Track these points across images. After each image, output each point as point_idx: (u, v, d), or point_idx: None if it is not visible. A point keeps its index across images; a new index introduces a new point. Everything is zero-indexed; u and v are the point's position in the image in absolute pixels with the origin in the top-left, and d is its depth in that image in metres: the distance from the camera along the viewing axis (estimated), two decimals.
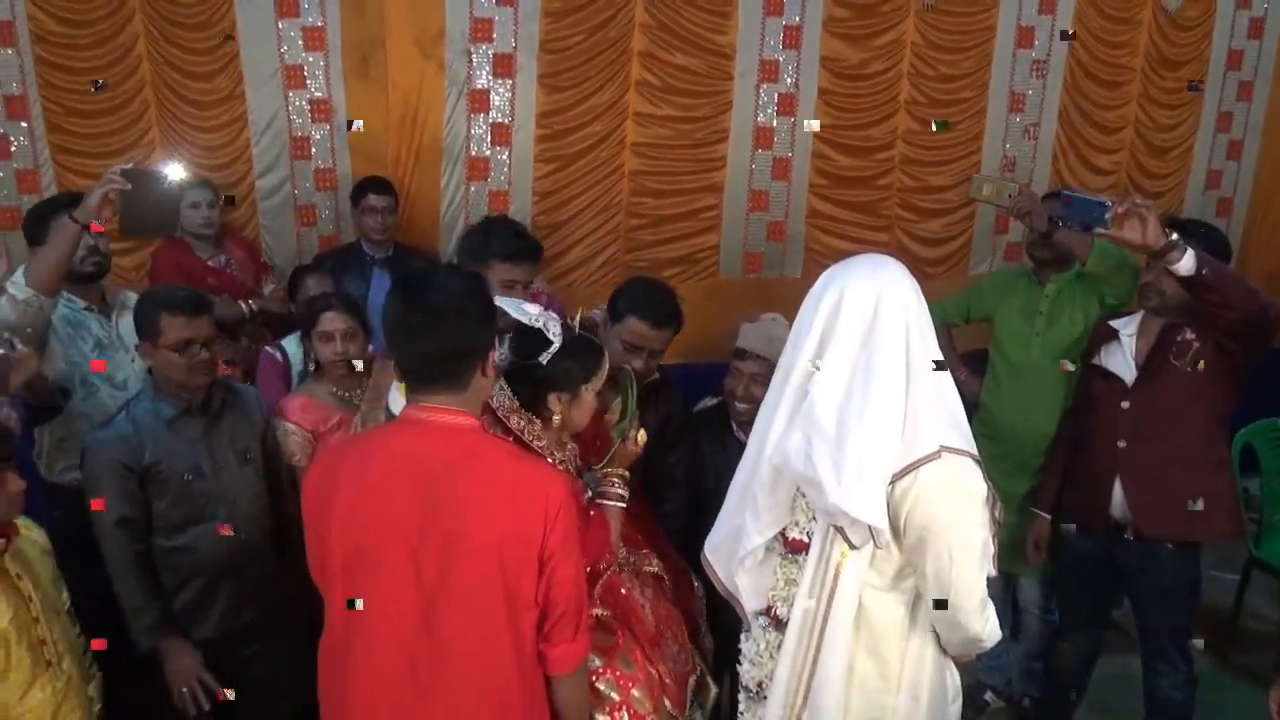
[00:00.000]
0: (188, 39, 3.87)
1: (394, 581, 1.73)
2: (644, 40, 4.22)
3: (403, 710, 1.76)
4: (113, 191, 2.44)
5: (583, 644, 1.87)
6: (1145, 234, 2.39)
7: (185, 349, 2.35)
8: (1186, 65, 4.82)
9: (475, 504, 1.71)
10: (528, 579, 1.74)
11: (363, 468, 1.78)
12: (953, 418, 1.84)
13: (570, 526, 1.77)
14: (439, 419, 1.75)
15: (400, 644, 1.75)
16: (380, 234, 3.86)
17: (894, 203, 4.68)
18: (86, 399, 2.77)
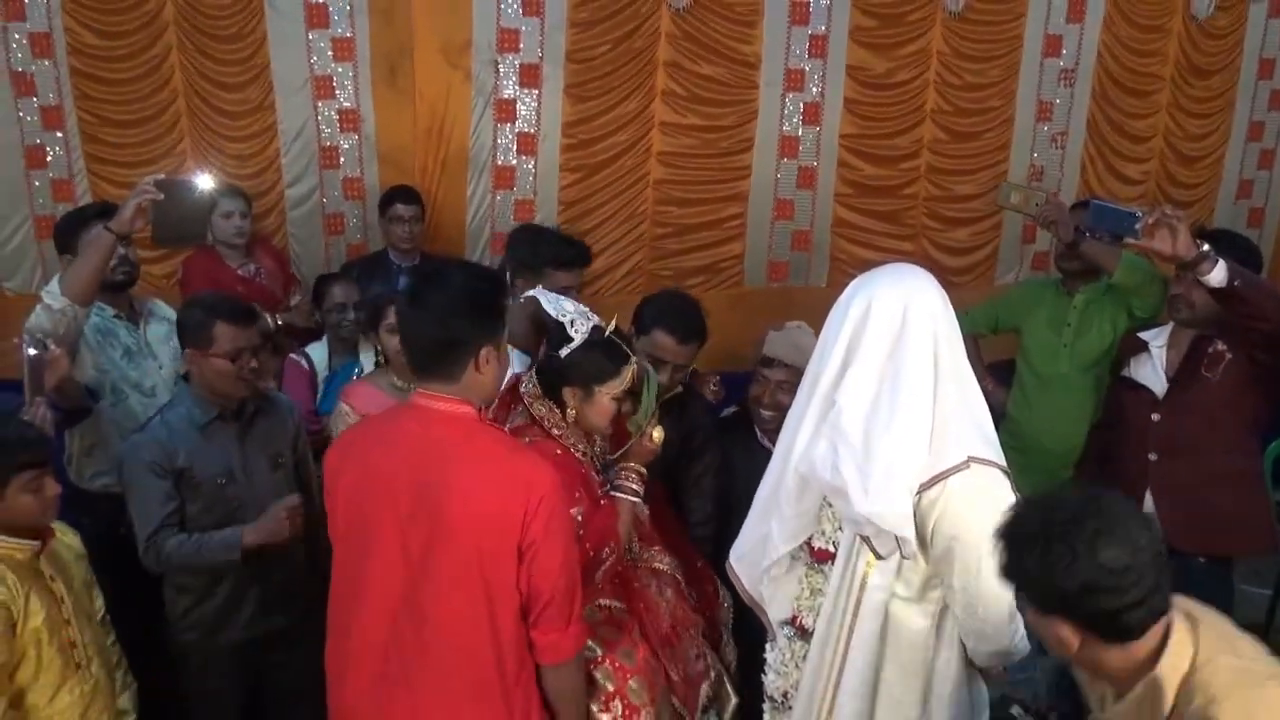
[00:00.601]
0: (219, 50, 3.93)
1: (384, 554, 1.83)
2: (669, 50, 4.23)
3: (386, 678, 1.85)
4: (146, 201, 2.48)
5: (575, 634, 1.89)
6: (1176, 245, 2.36)
7: (237, 357, 2.38)
8: (1217, 74, 4.77)
9: (459, 488, 1.78)
10: (506, 565, 1.79)
11: (369, 446, 1.90)
12: (980, 428, 1.83)
13: (555, 517, 1.81)
14: (437, 405, 1.84)
15: (387, 613, 1.84)
16: (407, 243, 3.89)
17: (920, 212, 4.66)
18: (116, 405, 2.80)
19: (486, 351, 1.83)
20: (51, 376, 2.33)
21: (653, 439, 2.27)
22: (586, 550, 2.09)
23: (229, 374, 2.40)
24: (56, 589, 2.09)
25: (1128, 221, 2.43)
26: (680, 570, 2.39)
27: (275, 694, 2.64)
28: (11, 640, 1.98)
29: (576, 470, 2.18)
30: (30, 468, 2.00)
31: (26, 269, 4.03)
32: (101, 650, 2.20)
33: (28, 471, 2.00)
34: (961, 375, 1.84)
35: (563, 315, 2.21)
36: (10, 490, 1.98)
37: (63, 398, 2.53)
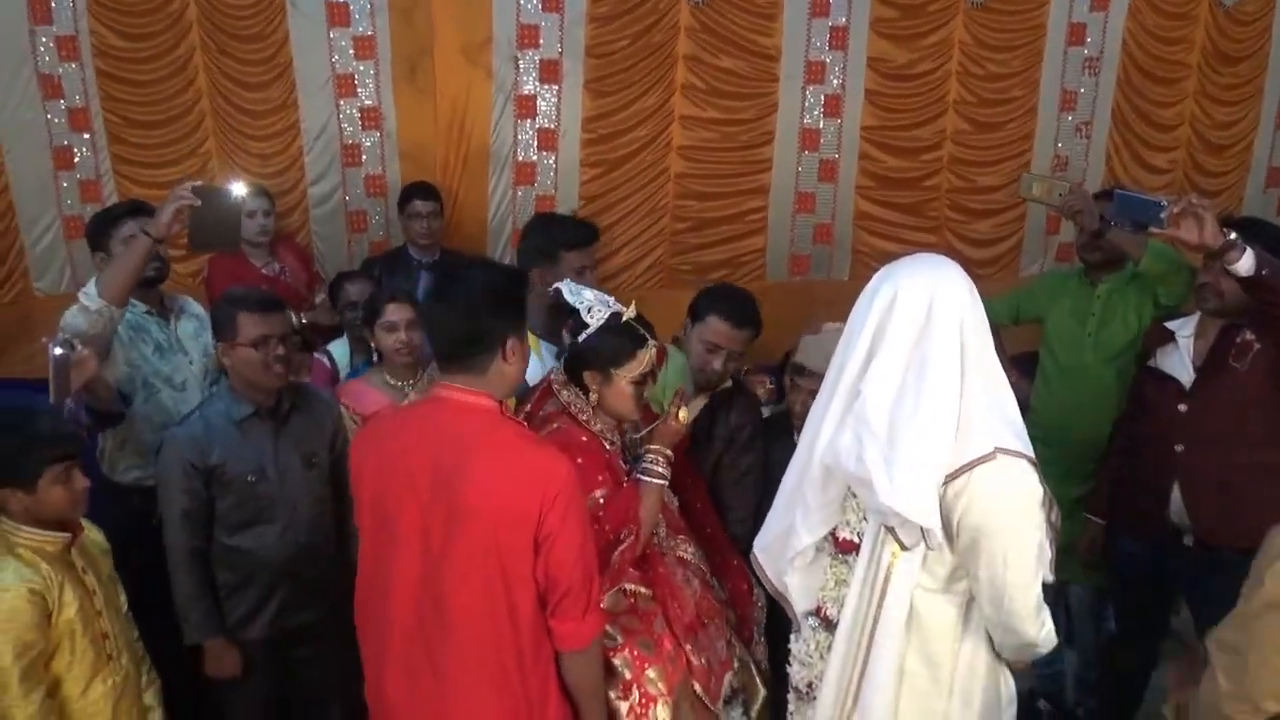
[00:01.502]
0: (242, 50, 3.96)
1: (406, 543, 1.88)
2: (689, 44, 4.22)
3: (413, 667, 1.91)
4: (183, 207, 2.52)
5: (593, 624, 1.93)
6: (1203, 233, 2.32)
7: (262, 344, 2.41)
8: (1245, 60, 4.70)
9: (477, 478, 1.82)
10: (523, 555, 1.83)
11: (393, 434, 1.96)
12: (1008, 419, 1.81)
13: (571, 509, 1.84)
14: (459, 397, 1.89)
15: (411, 601, 1.89)
16: (427, 238, 3.91)
17: (943, 204, 4.63)
18: (147, 400, 2.84)
19: (512, 343, 1.88)
20: (78, 377, 2.36)
21: (678, 419, 2.27)
22: (606, 532, 2.14)
23: (256, 362, 2.42)
24: (88, 581, 2.13)
25: (1153, 211, 2.40)
26: (705, 561, 2.40)
27: (304, 690, 2.66)
28: (47, 629, 2.01)
29: (600, 455, 2.24)
30: (61, 460, 2.03)
31: (55, 269, 4.09)
32: (129, 644, 2.24)
33: (59, 464, 2.03)
34: (988, 366, 1.82)
35: (581, 303, 2.27)
36: (43, 483, 2.02)
37: (94, 399, 2.56)
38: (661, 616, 2.22)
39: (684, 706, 2.16)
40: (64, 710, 2.06)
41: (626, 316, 2.28)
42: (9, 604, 1.95)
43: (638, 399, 2.27)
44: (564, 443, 2.16)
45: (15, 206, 3.97)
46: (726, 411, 2.64)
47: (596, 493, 2.17)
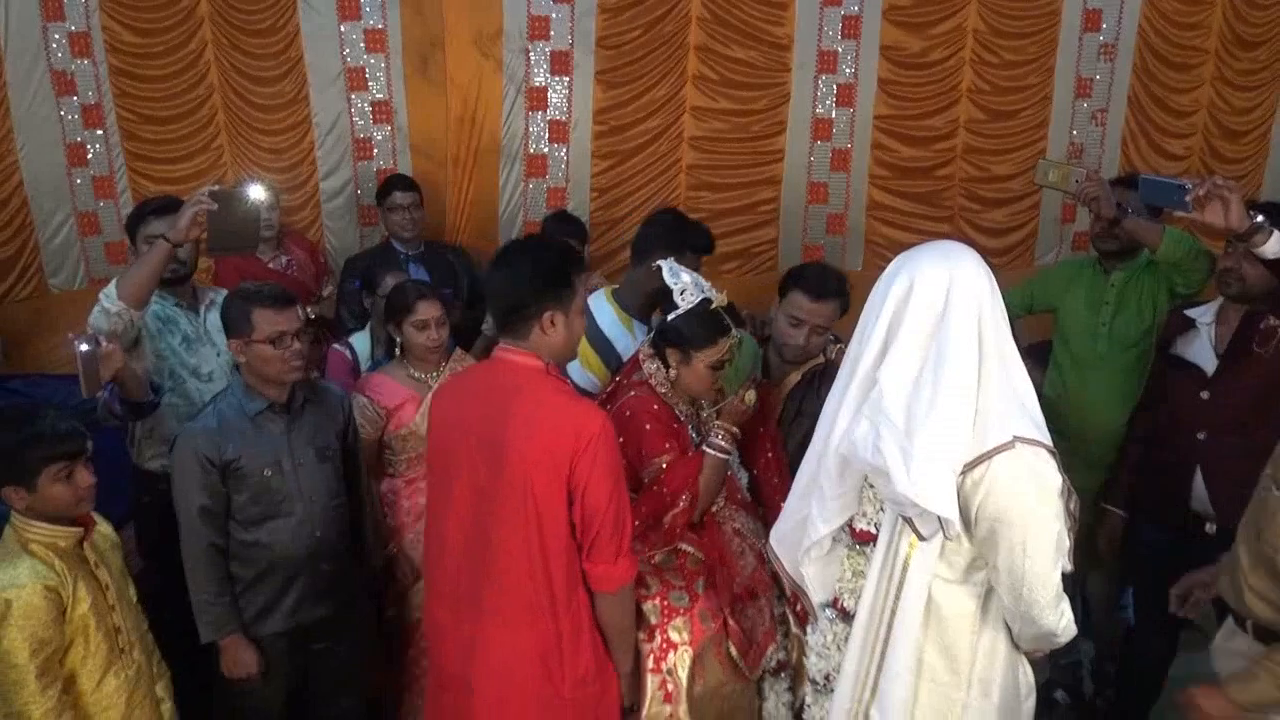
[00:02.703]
0: (253, 45, 3.97)
1: (459, 480, 2.10)
2: (700, 34, 4.20)
3: (461, 598, 2.13)
4: (201, 212, 2.54)
5: (624, 569, 2.10)
6: (1229, 216, 2.27)
7: (278, 341, 2.42)
8: (1263, 45, 4.64)
9: (517, 427, 2.02)
10: (556, 499, 2.01)
11: (458, 387, 2.26)
12: (1026, 408, 1.79)
13: (601, 458, 2.01)
14: (509, 357, 2.10)
15: (462, 538, 2.11)
16: (409, 230, 3.86)
17: (956, 193, 4.60)
18: (174, 390, 2.89)
19: (550, 315, 2.05)
20: (106, 370, 2.38)
21: (744, 400, 2.40)
22: (664, 494, 2.32)
23: (273, 359, 2.43)
24: (101, 576, 2.14)
25: (1177, 195, 2.36)
26: (761, 535, 2.47)
27: (320, 682, 2.67)
28: (62, 625, 2.02)
29: (668, 423, 2.42)
30: (61, 459, 2.04)
31: (70, 265, 4.11)
32: (141, 636, 2.25)
33: (59, 463, 2.03)
34: (1006, 355, 1.80)
35: (677, 284, 2.43)
36: (42, 481, 2.02)
37: (127, 391, 2.59)
38: (704, 579, 2.38)
39: (710, 663, 2.32)
40: (78, 704, 2.07)
41: (716, 304, 2.42)
42: (25, 601, 1.96)
43: (712, 381, 2.44)
44: (635, 408, 2.39)
45: (30, 203, 4.00)
46: (817, 388, 2.66)
47: (660, 458, 2.35)
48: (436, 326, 2.87)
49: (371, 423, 2.85)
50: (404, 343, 2.91)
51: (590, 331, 2.96)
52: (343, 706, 2.70)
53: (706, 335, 2.39)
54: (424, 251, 3.91)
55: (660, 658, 2.32)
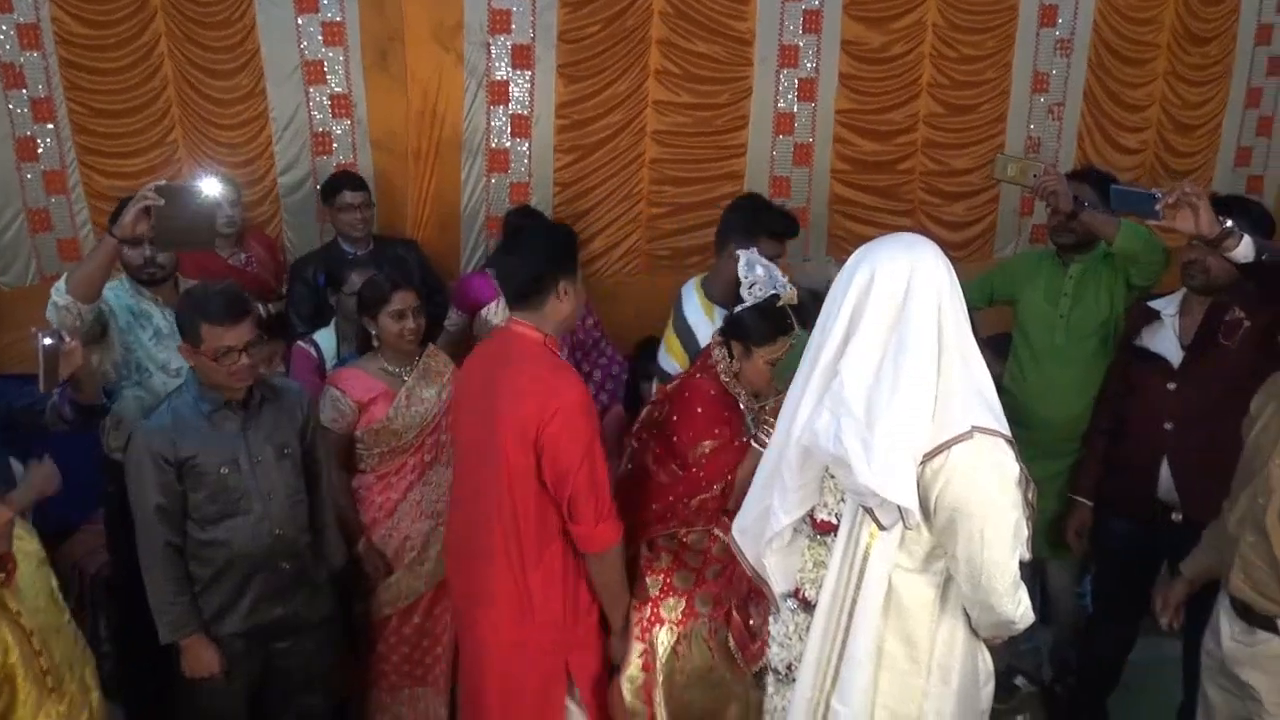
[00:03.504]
0: (208, 37, 3.89)
1: (466, 440, 2.42)
2: (662, 28, 4.19)
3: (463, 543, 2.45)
4: (149, 207, 2.50)
5: (606, 532, 2.29)
6: (1199, 223, 2.33)
7: (224, 356, 2.37)
8: (1214, 41, 4.73)
9: (504, 387, 2.28)
10: (524, 461, 2.23)
11: (472, 357, 2.53)
12: (985, 398, 1.82)
13: (571, 424, 2.21)
14: (515, 329, 2.35)
15: (462, 484, 2.47)
16: (359, 230, 3.77)
17: (917, 186, 4.63)
18: (139, 384, 2.85)
19: (564, 284, 2.30)
20: (66, 368, 2.34)
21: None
22: (699, 478, 2.43)
23: (218, 372, 2.40)
24: (25, 623, 2.07)
25: (1148, 203, 2.41)
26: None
27: (284, 681, 2.64)
28: None
29: (721, 410, 2.50)
30: None
31: (21, 262, 4.01)
32: (69, 659, 2.18)
33: None
34: (965, 346, 1.83)
35: (747, 277, 2.52)
36: None
37: (80, 392, 2.54)
38: (720, 566, 2.47)
39: (697, 646, 2.45)
40: None
41: (784, 301, 2.47)
42: None
43: (770, 376, 2.48)
44: (692, 391, 2.50)
45: None
46: None
47: (706, 443, 2.45)
48: (414, 316, 2.85)
49: (343, 417, 2.83)
50: (379, 335, 2.89)
51: (675, 318, 3.06)
52: (307, 705, 2.68)
53: (767, 332, 2.44)
54: (372, 250, 3.83)
55: (646, 628, 2.45)
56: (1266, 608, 2.20)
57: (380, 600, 2.94)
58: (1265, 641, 2.21)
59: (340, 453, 2.87)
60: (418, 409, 2.89)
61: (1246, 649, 2.25)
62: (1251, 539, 2.21)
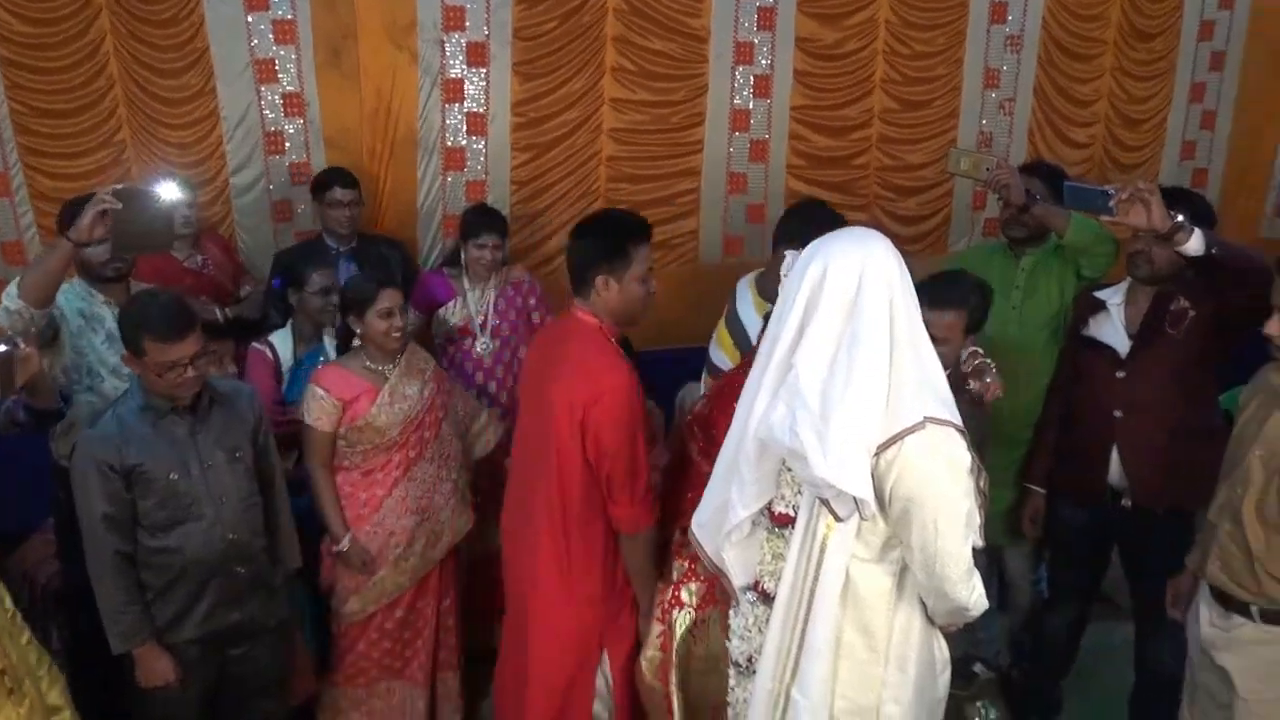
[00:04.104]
0: (155, 35, 3.82)
1: (526, 413, 2.57)
2: (618, 25, 4.19)
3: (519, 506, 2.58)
4: (105, 211, 2.45)
5: (638, 514, 2.41)
6: (1151, 218, 2.39)
7: (167, 371, 2.33)
8: (1159, 37, 4.83)
9: (556, 373, 2.42)
10: (572, 440, 2.36)
11: (537, 337, 2.75)
12: (936, 389, 1.84)
13: (614, 409, 2.33)
14: (574, 313, 2.48)
15: (522, 456, 2.59)
16: (347, 227, 3.77)
17: (872, 181, 4.68)
18: (90, 388, 2.81)
19: (602, 279, 2.39)
20: (22, 374, 2.28)
21: None
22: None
23: (160, 385, 2.36)
24: None
25: (1101, 200, 2.47)
26: None
27: (239, 688, 2.61)
28: None
29: None
30: None
31: None
32: (26, 664, 2.14)
33: None
34: (917, 338, 1.85)
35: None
36: None
37: (35, 398, 2.50)
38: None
39: (714, 632, 2.43)
40: None
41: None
42: None
43: None
44: (731, 384, 2.44)
45: None
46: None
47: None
48: (400, 314, 2.87)
49: (327, 415, 2.83)
50: (364, 334, 2.89)
51: (728, 314, 3.07)
52: (264, 710, 2.65)
53: None
54: (356, 246, 3.83)
55: (667, 610, 2.48)
56: (1241, 594, 2.27)
57: (365, 599, 2.94)
58: (1239, 626, 2.29)
59: (322, 451, 2.87)
60: (401, 406, 2.89)
61: (1223, 634, 2.33)
62: (1229, 528, 2.28)
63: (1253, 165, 5.17)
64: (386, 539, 2.92)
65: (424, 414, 2.96)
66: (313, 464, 2.89)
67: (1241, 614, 2.29)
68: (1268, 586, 2.23)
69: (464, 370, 3.68)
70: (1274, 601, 2.23)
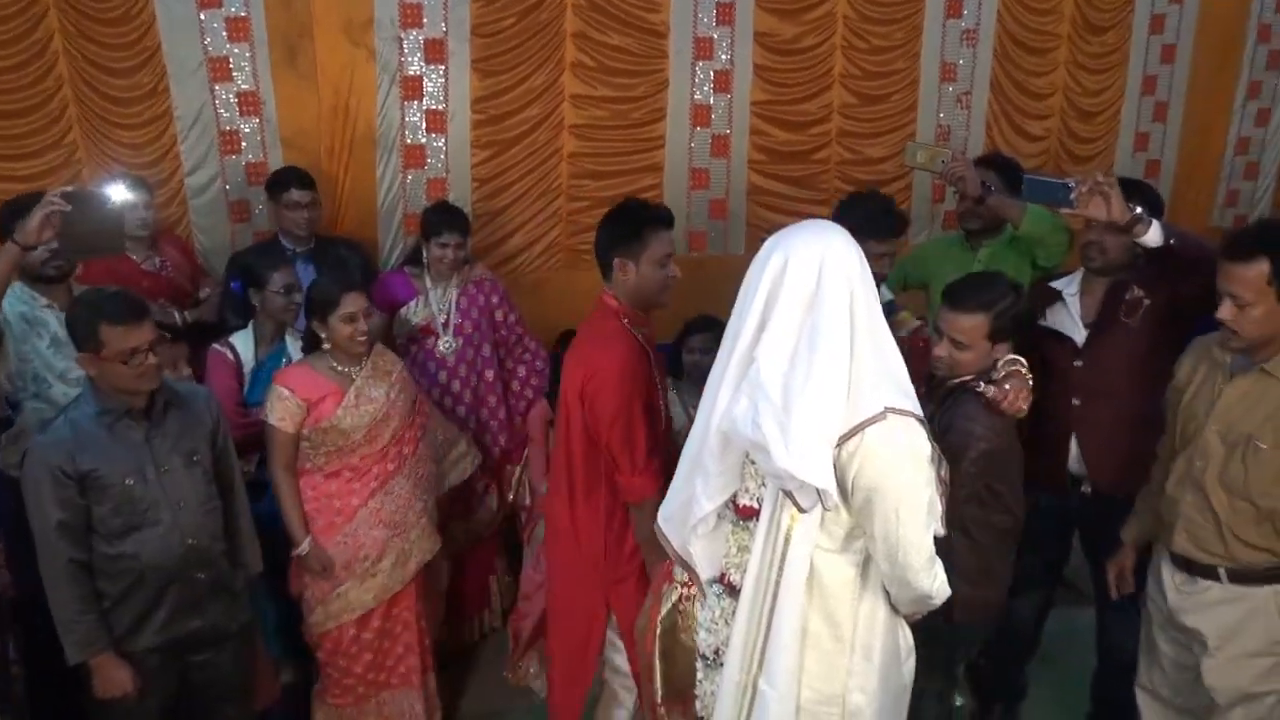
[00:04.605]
0: (106, 34, 3.75)
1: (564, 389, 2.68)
2: (577, 21, 4.18)
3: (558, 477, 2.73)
4: (53, 213, 2.41)
5: (643, 484, 2.50)
6: (1110, 210, 2.43)
7: (130, 358, 2.29)
8: (1111, 30, 4.90)
9: (574, 348, 2.67)
10: (576, 410, 2.56)
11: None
12: (896, 380, 1.86)
13: (608, 386, 2.47)
14: (601, 295, 2.64)
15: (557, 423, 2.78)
16: (305, 229, 3.71)
17: (832, 175, 4.71)
18: (37, 395, 2.75)
19: (619, 262, 2.54)
20: None
21: None
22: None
23: (126, 375, 2.31)
24: None
25: (1062, 192, 2.51)
26: None
27: (202, 695, 2.57)
28: None
29: None
30: None
31: None
32: None
33: None
34: (877, 328, 1.87)
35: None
36: None
37: None
38: None
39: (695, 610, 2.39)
40: None
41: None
42: None
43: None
44: None
45: None
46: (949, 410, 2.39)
47: None
48: (364, 318, 2.85)
49: (291, 416, 2.80)
50: (329, 338, 2.86)
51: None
52: (226, 717, 2.61)
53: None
54: (314, 248, 3.77)
55: (659, 584, 2.45)
56: (1207, 559, 2.39)
57: (329, 611, 2.91)
58: (1206, 589, 2.40)
59: (285, 453, 2.84)
60: (367, 408, 2.87)
61: (1190, 597, 2.43)
62: (1191, 498, 2.38)
63: (1203, 156, 5.27)
64: (356, 551, 2.90)
65: (405, 430, 2.96)
66: (275, 466, 2.86)
67: (1208, 577, 2.40)
68: (1235, 549, 2.34)
69: (427, 369, 3.66)
70: (1240, 562, 2.35)
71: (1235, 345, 2.31)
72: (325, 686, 3.01)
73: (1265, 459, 2.26)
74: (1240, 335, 2.27)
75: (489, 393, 3.79)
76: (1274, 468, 2.26)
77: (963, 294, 2.42)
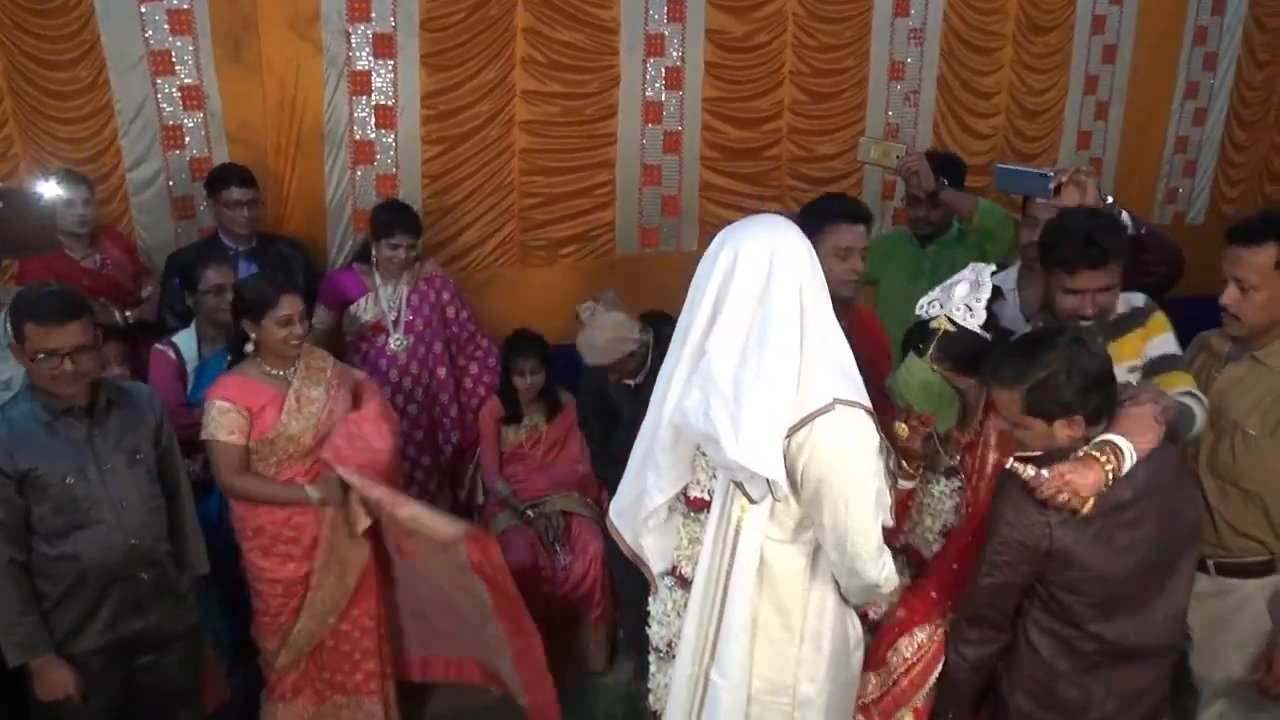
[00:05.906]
0: (42, 26, 3.65)
1: None
2: (527, 16, 4.16)
3: None
4: None
5: None
6: (1085, 200, 2.47)
7: (44, 359, 2.23)
8: (1054, 30, 5.00)
9: None
10: None
11: None
12: (845, 372, 1.88)
13: None
14: None
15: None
16: (245, 227, 3.64)
17: (784, 172, 4.74)
18: None
19: None
20: None
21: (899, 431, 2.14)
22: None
23: (44, 376, 2.26)
24: None
25: (1039, 183, 2.54)
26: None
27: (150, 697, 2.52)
28: None
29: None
30: None
31: None
32: None
33: None
34: (826, 321, 1.88)
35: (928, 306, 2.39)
36: None
37: None
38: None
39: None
40: None
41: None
42: None
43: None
44: None
45: None
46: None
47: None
48: (299, 321, 2.77)
49: (238, 426, 2.71)
50: (260, 340, 2.77)
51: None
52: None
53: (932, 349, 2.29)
54: (255, 246, 3.70)
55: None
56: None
57: (292, 651, 2.86)
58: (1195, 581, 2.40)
59: (237, 464, 2.73)
60: (309, 410, 2.80)
61: None
62: None
63: (1143, 154, 5.40)
64: (304, 580, 2.82)
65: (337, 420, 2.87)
66: (229, 478, 2.74)
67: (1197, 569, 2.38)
68: (1226, 538, 2.37)
69: (379, 367, 3.62)
70: (1230, 553, 2.37)
71: (1235, 331, 2.35)
72: (275, 684, 2.95)
73: (1254, 445, 2.30)
74: (1242, 321, 2.30)
75: (441, 390, 3.77)
76: (1262, 454, 2.30)
77: (997, 363, 2.00)
